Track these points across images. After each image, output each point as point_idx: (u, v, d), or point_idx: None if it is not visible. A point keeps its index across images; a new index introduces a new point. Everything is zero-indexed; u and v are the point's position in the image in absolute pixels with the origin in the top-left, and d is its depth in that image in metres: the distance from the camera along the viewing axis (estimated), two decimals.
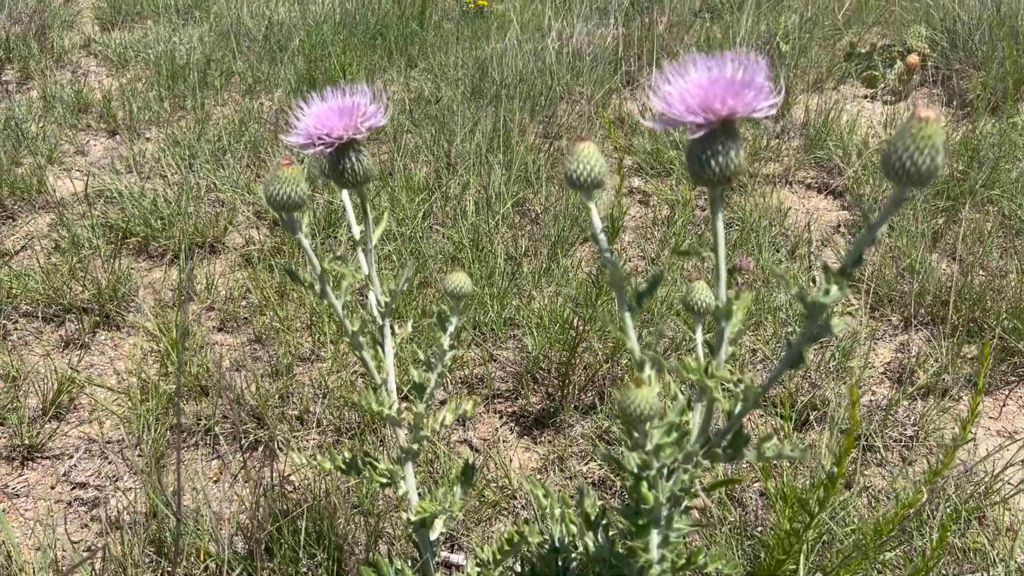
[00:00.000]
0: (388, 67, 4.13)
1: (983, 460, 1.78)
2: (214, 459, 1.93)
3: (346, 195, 1.26)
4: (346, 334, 1.20)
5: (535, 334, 2.17)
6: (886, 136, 3.27)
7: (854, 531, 1.55)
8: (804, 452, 0.93)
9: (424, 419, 1.24)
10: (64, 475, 1.89)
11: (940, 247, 2.66)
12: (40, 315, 2.38)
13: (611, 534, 1.16)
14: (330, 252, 2.67)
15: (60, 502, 1.83)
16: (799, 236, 2.73)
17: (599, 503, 1.19)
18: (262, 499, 1.62)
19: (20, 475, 1.89)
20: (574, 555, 1.21)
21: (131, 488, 1.84)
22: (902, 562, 1.56)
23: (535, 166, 3.00)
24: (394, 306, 1.23)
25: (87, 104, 3.72)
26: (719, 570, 1.08)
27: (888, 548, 1.53)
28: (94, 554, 1.64)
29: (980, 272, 2.47)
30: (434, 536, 1.30)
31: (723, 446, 0.99)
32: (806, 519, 1.37)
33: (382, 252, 2.56)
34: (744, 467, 1.87)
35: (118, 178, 2.99)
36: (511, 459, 1.92)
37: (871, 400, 2.07)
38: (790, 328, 2.23)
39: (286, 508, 1.62)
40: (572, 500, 1.35)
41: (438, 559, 1.53)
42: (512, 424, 2.05)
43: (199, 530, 1.63)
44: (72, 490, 1.86)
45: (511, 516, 1.76)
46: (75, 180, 3.10)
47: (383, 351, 1.25)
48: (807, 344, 0.89)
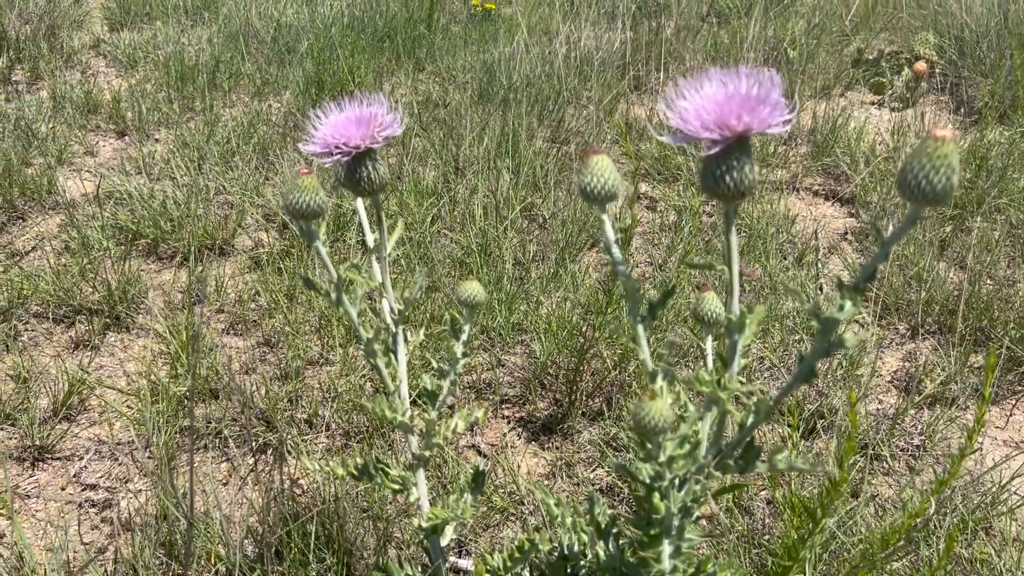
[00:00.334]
0: (396, 70, 4.14)
1: (990, 470, 1.78)
2: (223, 462, 1.94)
3: (360, 203, 1.27)
4: (360, 341, 1.21)
5: (543, 340, 2.17)
6: (893, 143, 3.27)
7: (861, 540, 1.56)
8: (815, 465, 0.93)
9: (436, 426, 1.25)
10: (75, 476, 1.90)
11: (948, 256, 2.66)
12: (50, 316, 2.39)
13: (621, 543, 1.17)
14: (338, 255, 2.68)
15: (71, 503, 1.84)
16: (806, 243, 2.73)
17: (609, 512, 1.20)
18: (272, 502, 1.63)
19: (31, 476, 1.90)
20: (583, 563, 1.22)
21: (141, 490, 1.85)
22: (909, 572, 1.56)
23: (543, 171, 3.01)
24: (407, 314, 1.24)
25: (96, 105, 3.74)
26: None
27: (895, 558, 1.54)
28: (102, 552, 1.65)
29: (988, 281, 2.47)
30: (445, 542, 1.31)
31: (735, 457, 1.00)
32: (812, 526, 1.38)
33: (391, 256, 2.56)
34: (752, 475, 1.87)
35: (128, 179, 3.01)
36: (519, 465, 1.93)
37: (878, 409, 2.08)
38: (797, 336, 2.24)
39: (296, 511, 1.63)
40: (581, 507, 1.35)
41: (447, 565, 1.54)
42: (520, 429, 2.05)
43: (209, 533, 1.64)
44: (83, 491, 1.87)
45: (519, 522, 1.76)
46: (85, 181, 3.12)
47: (396, 358, 1.26)
48: (819, 358, 0.90)
